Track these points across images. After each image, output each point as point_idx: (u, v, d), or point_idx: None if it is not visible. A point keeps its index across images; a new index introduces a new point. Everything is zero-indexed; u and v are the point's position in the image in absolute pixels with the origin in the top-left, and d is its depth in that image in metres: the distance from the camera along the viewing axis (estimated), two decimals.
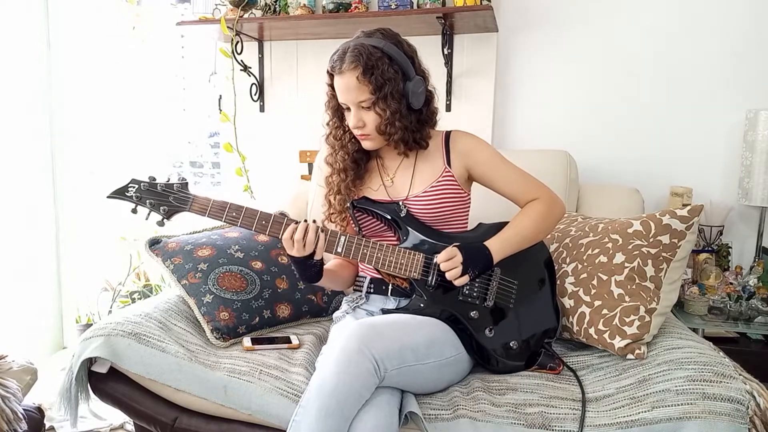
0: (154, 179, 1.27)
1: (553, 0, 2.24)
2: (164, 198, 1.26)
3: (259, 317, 1.57)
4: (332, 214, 1.45)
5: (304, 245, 1.25)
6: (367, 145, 1.40)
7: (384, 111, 1.32)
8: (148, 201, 1.25)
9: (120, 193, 1.26)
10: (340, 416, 1.07)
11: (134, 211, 1.27)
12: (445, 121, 1.50)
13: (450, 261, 1.28)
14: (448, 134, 1.47)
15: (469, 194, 1.47)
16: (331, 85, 1.37)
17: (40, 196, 2.51)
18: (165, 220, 1.26)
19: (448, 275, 1.28)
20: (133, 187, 1.26)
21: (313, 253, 1.27)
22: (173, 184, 1.27)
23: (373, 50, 1.29)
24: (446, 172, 1.42)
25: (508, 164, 1.44)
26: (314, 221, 1.28)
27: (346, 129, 1.41)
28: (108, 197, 1.27)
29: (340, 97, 1.35)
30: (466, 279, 1.29)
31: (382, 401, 1.14)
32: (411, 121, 1.36)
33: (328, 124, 1.45)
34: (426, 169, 1.43)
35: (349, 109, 1.36)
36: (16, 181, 2.37)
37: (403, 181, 1.45)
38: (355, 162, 1.45)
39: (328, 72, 1.36)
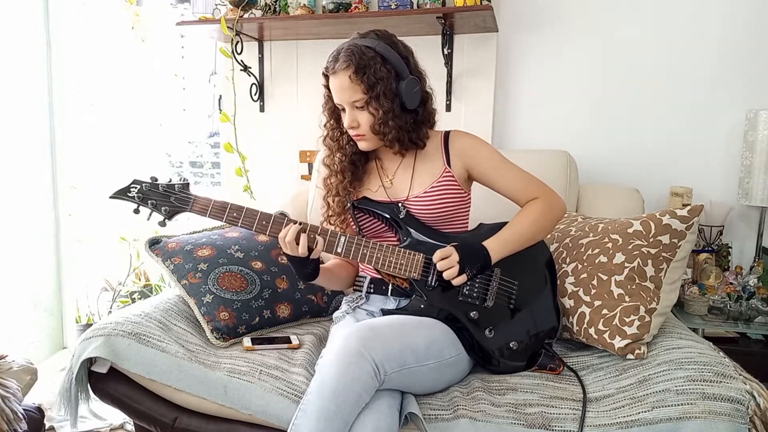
0: (156, 180, 1.28)
1: (553, 0, 2.24)
2: (166, 198, 1.26)
3: (259, 317, 1.57)
4: (331, 216, 1.46)
5: (298, 246, 1.26)
6: (362, 145, 1.40)
7: (377, 110, 1.32)
8: (149, 201, 1.26)
9: (122, 194, 1.27)
10: (339, 419, 1.07)
11: (136, 211, 1.28)
12: (445, 121, 1.51)
13: (446, 260, 1.29)
14: (447, 134, 1.47)
15: (469, 194, 1.47)
16: (327, 86, 1.38)
17: (40, 196, 2.51)
18: (167, 221, 1.27)
19: (445, 275, 1.28)
20: (135, 188, 1.26)
21: (310, 253, 1.28)
22: (175, 184, 1.28)
23: (366, 50, 1.30)
24: (446, 172, 1.42)
25: (508, 163, 1.44)
26: (305, 226, 1.28)
27: (344, 131, 1.42)
28: (110, 198, 1.28)
29: (335, 97, 1.36)
30: (463, 278, 1.29)
31: (382, 404, 1.13)
32: (406, 120, 1.37)
33: (325, 125, 1.46)
34: (426, 170, 1.43)
35: (344, 110, 1.36)
36: (16, 180, 2.37)
37: (402, 182, 1.45)
38: (352, 163, 1.45)
39: (323, 73, 1.37)
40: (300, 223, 1.28)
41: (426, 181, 1.42)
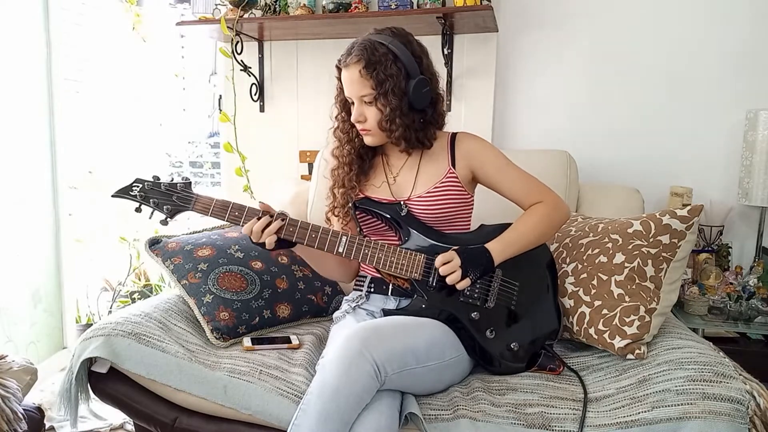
0: (158, 179, 1.29)
1: (553, 0, 2.24)
2: (168, 197, 1.27)
3: (259, 317, 1.57)
4: (336, 207, 1.47)
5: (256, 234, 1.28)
6: (368, 140, 1.41)
7: (384, 107, 1.33)
8: (152, 200, 1.26)
9: (124, 192, 1.28)
10: (340, 420, 1.07)
11: (138, 210, 1.29)
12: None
13: (448, 265, 1.29)
14: (454, 136, 1.47)
15: (472, 196, 1.47)
16: (339, 78, 1.39)
17: (40, 195, 2.51)
18: (168, 219, 1.28)
19: (448, 280, 1.29)
20: (137, 186, 1.27)
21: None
22: (177, 183, 1.28)
23: (379, 46, 1.31)
24: (450, 173, 1.42)
25: (513, 167, 1.44)
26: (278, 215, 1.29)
27: (353, 123, 1.42)
28: (112, 196, 1.29)
29: (346, 90, 1.37)
30: (467, 282, 1.29)
31: (382, 405, 1.14)
32: (413, 119, 1.37)
33: (336, 117, 1.47)
34: (430, 170, 1.44)
35: (354, 103, 1.37)
36: (16, 180, 2.37)
37: (406, 180, 1.45)
38: (360, 157, 1.46)
39: (336, 66, 1.38)
40: (283, 217, 1.28)
41: (429, 182, 1.42)
